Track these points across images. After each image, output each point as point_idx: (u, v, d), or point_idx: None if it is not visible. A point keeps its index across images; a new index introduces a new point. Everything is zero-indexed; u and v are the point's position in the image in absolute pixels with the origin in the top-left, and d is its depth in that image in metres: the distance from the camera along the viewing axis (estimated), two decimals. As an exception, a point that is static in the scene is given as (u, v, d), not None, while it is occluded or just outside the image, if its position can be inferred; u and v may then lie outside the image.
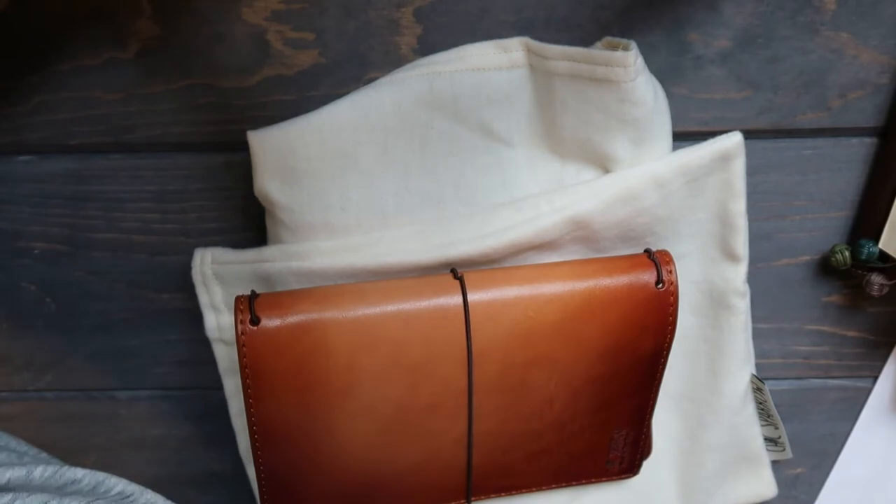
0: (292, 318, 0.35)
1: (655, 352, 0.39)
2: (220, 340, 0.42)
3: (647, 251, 0.38)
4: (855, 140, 0.43)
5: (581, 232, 0.39)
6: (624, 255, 0.39)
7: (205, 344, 0.43)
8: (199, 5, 0.38)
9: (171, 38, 0.39)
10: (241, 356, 0.35)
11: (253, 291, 0.36)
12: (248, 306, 0.35)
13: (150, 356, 0.47)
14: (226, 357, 0.42)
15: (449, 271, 0.38)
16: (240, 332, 0.34)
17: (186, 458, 0.50)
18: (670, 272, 0.38)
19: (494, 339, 0.37)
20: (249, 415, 0.36)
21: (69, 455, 0.49)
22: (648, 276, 0.37)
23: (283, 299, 0.35)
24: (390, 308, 0.36)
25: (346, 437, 0.38)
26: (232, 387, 0.43)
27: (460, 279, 0.36)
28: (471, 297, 0.36)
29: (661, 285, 0.38)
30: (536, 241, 0.38)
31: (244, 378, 0.35)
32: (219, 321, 0.41)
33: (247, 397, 0.35)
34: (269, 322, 0.35)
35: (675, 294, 0.38)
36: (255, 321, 0.34)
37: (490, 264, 0.39)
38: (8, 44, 0.39)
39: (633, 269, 0.38)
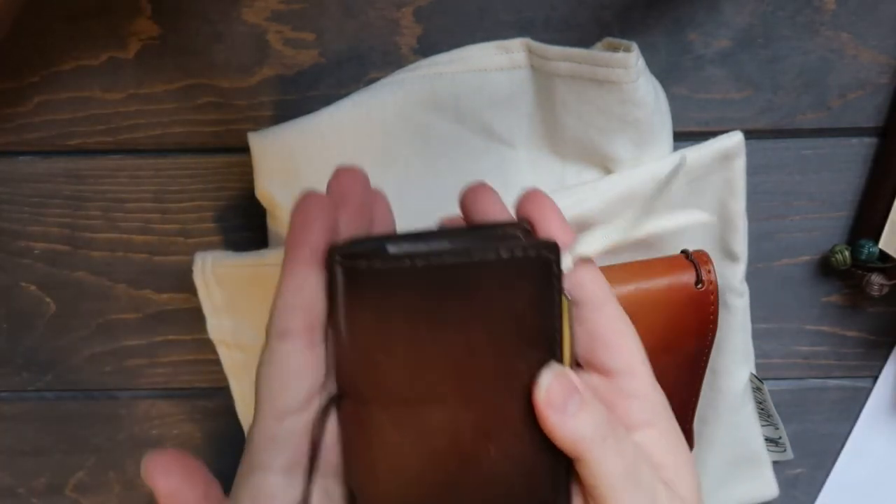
0: None
1: (698, 350, 0.39)
2: (223, 342, 0.42)
3: (685, 252, 0.38)
4: (855, 140, 0.43)
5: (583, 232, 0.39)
6: (662, 257, 0.38)
7: (205, 344, 0.43)
8: (199, 5, 0.38)
9: (171, 37, 0.39)
10: None
11: None
12: None
13: (150, 356, 0.47)
14: (229, 358, 0.42)
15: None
16: None
17: (186, 458, 0.50)
18: (709, 272, 0.37)
19: None
20: None
21: (69, 455, 0.49)
22: (688, 277, 0.37)
23: None
24: None
25: None
26: (237, 387, 0.43)
27: None
28: None
29: (700, 285, 0.37)
30: (537, 242, 0.38)
31: None
32: (221, 323, 0.41)
33: None
34: None
35: (715, 293, 0.38)
36: None
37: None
38: (8, 44, 0.39)
39: (672, 271, 0.37)
